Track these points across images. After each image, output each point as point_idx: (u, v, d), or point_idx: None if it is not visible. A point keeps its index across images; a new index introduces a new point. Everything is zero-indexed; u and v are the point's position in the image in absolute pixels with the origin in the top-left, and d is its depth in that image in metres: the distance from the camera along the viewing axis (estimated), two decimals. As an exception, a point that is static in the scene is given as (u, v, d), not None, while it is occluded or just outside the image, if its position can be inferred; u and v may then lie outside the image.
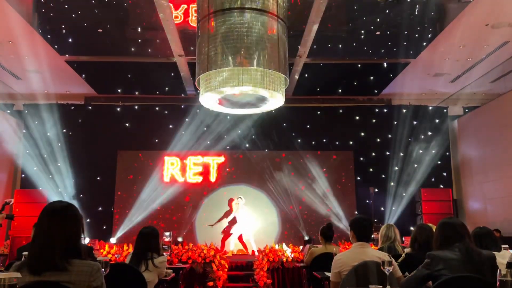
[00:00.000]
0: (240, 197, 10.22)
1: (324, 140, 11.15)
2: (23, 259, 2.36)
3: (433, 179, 10.92)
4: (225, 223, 10.35)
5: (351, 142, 11.19)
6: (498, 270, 1.85)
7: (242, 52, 5.94)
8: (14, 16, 7.18)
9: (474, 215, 10.58)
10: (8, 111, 10.84)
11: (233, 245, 10.05)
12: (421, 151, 10.99)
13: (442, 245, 2.68)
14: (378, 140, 11.18)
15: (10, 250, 8.35)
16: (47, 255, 1.93)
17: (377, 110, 11.40)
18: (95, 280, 2.00)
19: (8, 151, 10.46)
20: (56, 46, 8.40)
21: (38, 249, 1.96)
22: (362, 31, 8.23)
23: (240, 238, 10.09)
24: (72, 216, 2.09)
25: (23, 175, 10.62)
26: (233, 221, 10.26)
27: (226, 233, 10.28)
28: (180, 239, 9.57)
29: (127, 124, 10.97)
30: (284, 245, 8.22)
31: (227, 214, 10.45)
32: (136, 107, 11.14)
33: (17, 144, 10.71)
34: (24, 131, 10.79)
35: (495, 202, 9.80)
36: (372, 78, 10.26)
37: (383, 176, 10.94)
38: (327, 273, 3.85)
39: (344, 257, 3.20)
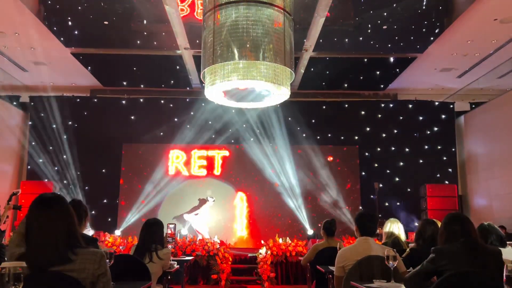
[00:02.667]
0: (211, 197, 10.23)
1: (329, 135, 11.12)
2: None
3: (438, 175, 10.88)
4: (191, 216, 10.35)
5: (356, 137, 11.15)
6: (505, 265, 1.83)
7: (248, 46, 5.92)
8: (21, 8, 7.18)
9: (480, 211, 10.54)
10: (15, 103, 10.89)
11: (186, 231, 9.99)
12: (426, 147, 10.94)
13: (447, 240, 2.67)
14: (384, 135, 11.13)
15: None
16: (47, 252, 1.91)
17: (382, 105, 11.35)
18: (100, 267, 2.00)
19: (14, 143, 10.52)
20: (62, 38, 8.41)
21: (37, 248, 1.93)
22: (369, 25, 8.17)
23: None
24: (63, 207, 2.06)
25: (29, 167, 10.69)
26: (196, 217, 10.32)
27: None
28: (184, 232, 9.60)
29: (132, 117, 10.99)
30: (287, 239, 8.24)
31: (194, 208, 10.46)
32: (141, 100, 11.16)
33: (23, 136, 10.77)
34: (30, 123, 10.84)
35: (501, 198, 9.75)
36: (378, 72, 10.21)
37: (388, 171, 10.91)
38: (331, 267, 3.85)
39: (348, 251, 3.20)
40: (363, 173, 11.00)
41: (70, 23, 8.09)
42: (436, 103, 11.22)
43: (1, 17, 7.49)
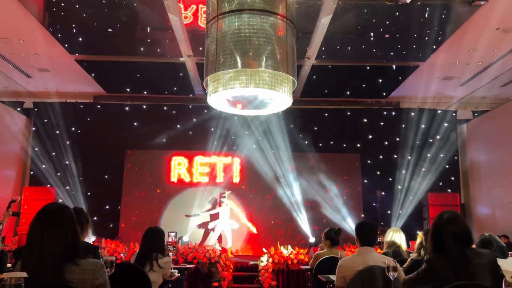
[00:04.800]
0: (224, 194, 10.18)
1: (331, 142, 11.11)
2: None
3: (441, 183, 10.84)
4: (207, 216, 10.31)
5: (358, 145, 11.14)
6: (504, 279, 1.82)
7: (251, 54, 5.95)
8: (26, 15, 7.25)
9: (482, 220, 10.49)
10: (18, 109, 10.95)
11: (213, 240, 9.99)
12: (429, 155, 10.91)
13: (439, 247, 2.61)
14: (386, 143, 11.12)
15: (18, 246, 8.43)
16: (44, 264, 1.91)
17: (385, 113, 11.35)
18: (99, 277, 2.00)
19: (17, 149, 10.56)
20: (66, 45, 8.47)
21: (34, 259, 1.93)
22: (371, 33, 8.19)
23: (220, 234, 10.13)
24: (65, 219, 2.06)
25: (31, 173, 10.72)
26: (215, 216, 10.30)
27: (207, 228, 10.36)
28: (186, 239, 9.59)
29: (135, 123, 11.03)
30: (289, 247, 8.21)
31: (211, 208, 10.48)
32: (144, 106, 11.19)
33: (27, 141, 10.82)
34: (33, 129, 10.89)
35: (504, 207, 9.71)
36: (380, 80, 10.21)
37: (390, 179, 10.88)
38: (331, 277, 3.84)
39: (348, 261, 3.19)
40: (365, 181, 10.98)
41: (74, 30, 8.14)
42: (439, 111, 11.21)
43: (6, 24, 7.56)
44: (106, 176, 10.79)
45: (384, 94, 11.00)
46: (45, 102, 10.93)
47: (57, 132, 10.74)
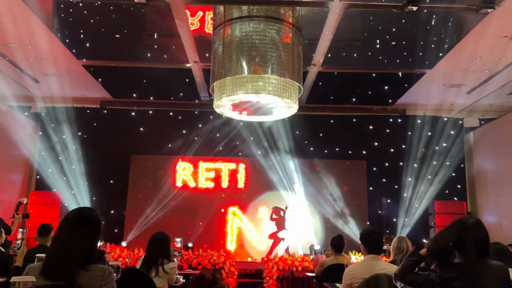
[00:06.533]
0: (287, 206, 10.22)
1: (337, 149, 11.09)
2: (36, 261, 2.37)
3: (447, 191, 10.77)
4: (273, 228, 10.42)
5: (364, 152, 11.10)
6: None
7: (257, 60, 5.97)
8: (35, 20, 7.32)
9: (489, 229, 10.21)
10: (26, 113, 11.03)
11: (282, 251, 10.05)
12: (435, 163, 10.85)
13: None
14: (392, 150, 11.08)
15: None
16: (65, 262, 1.93)
17: (391, 120, 11.31)
18: (107, 284, 2.01)
19: (24, 153, 10.62)
20: (74, 51, 8.53)
21: (58, 255, 1.96)
22: (378, 41, 8.19)
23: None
24: (95, 229, 2.09)
25: (38, 177, 10.77)
26: (281, 228, 10.36)
27: (275, 238, 10.35)
28: (190, 245, 9.56)
29: (141, 129, 11.07)
30: (294, 253, 8.17)
31: (275, 220, 10.57)
32: (150, 112, 11.24)
33: (33, 146, 10.88)
34: (40, 133, 10.96)
35: (511, 216, 9.62)
36: (386, 87, 10.19)
37: (396, 187, 10.83)
38: (337, 284, 3.82)
39: (355, 269, 3.17)
40: (371, 188, 10.93)
41: (82, 36, 8.21)
42: (445, 119, 11.17)
43: (15, 30, 7.63)
44: (111, 181, 10.83)
45: (390, 101, 10.98)
46: (52, 106, 11.00)
47: (64, 136, 10.79)
